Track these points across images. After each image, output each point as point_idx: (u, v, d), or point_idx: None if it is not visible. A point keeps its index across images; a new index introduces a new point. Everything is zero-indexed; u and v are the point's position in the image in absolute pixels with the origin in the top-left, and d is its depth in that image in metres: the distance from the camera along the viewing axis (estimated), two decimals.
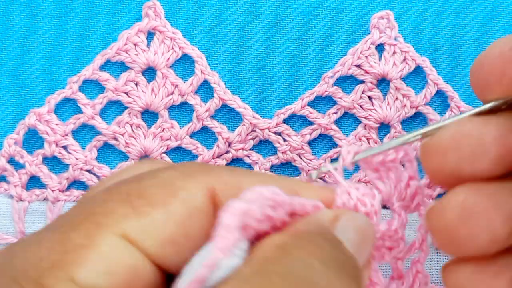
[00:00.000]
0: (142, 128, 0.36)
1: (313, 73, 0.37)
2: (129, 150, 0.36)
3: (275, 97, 0.37)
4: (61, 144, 0.36)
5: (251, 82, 0.37)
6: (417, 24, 0.37)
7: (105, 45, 0.37)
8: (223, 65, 0.37)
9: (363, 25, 0.37)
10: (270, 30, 0.37)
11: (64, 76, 0.37)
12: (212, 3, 0.37)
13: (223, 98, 0.36)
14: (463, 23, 0.37)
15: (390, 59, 0.36)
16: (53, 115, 0.36)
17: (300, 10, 0.37)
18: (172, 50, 0.37)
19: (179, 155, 0.37)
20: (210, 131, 0.37)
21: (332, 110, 0.36)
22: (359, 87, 0.36)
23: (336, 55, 0.37)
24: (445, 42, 0.37)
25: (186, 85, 0.36)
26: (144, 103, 0.36)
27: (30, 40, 0.37)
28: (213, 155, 0.36)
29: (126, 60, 0.36)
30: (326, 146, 0.37)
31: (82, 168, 0.36)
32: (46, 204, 0.36)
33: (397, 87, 0.36)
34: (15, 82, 0.37)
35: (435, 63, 0.37)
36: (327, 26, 0.37)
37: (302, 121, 0.37)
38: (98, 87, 0.37)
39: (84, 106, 0.36)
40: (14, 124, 0.36)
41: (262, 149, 0.37)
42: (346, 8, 0.37)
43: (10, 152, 0.36)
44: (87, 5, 0.38)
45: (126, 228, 0.19)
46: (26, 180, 0.36)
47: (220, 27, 0.37)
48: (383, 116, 0.36)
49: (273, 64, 0.37)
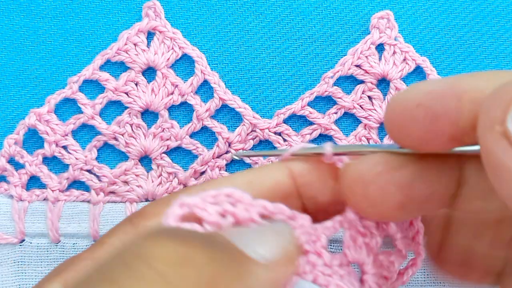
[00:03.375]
0: (142, 128, 0.36)
1: (313, 73, 0.37)
2: (129, 150, 0.36)
3: (275, 97, 0.37)
4: (61, 144, 0.36)
5: (251, 82, 0.37)
6: (417, 24, 0.37)
7: (105, 45, 0.37)
8: (223, 65, 0.37)
9: (363, 25, 0.37)
10: (270, 30, 0.37)
11: (64, 76, 0.37)
12: (212, 3, 0.37)
13: (223, 98, 0.36)
14: (463, 23, 0.37)
15: (390, 59, 0.36)
16: (53, 115, 0.36)
17: (300, 10, 0.37)
18: (172, 50, 0.37)
19: (179, 155, 0.37)
20: (210, 131, 0.37)
21: (332, 110, 0.36)
22: (359, 87, 0.36)
23: (336, 55, 0.37)
24: (445, 42, 0.37)
25: (186, 85, 0.36)
26: (144, 103, 0.36)
27: (30, 40, 0.37)
28: (213, 155, 0.36)
29: (126, 60, 0.36)
30: None
31: (82, 168, 0.36)
32: (46, 204, 0.36)
33: (397, 87, 0.36)
34: (15, 82, 0.37)
35: (435, 63, 0.37)
36: (327, 26, 0.37)
37: (302, 121, 0.37)
38: (98, 87, 0.37)
39: (84, 106, 0.36)
40: (14, 124, 0.36)
41: (262, 149, 0.36)
42: (346, 8, 0.37)
43: (10, 152, 0.36)
44: (87, 5, 0.38)
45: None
46: (26, 180, 0.36)
47: (220, 27, 0.37)
48: (383, 116, 0.36)
49: (273, 64, 0.37)
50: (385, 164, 0.23)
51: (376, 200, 0.23)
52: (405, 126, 0.22)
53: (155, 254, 0.18)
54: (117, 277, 0.17)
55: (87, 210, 0.36)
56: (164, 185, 0.36)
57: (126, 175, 0.36)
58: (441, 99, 0.21)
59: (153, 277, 0.17)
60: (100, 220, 0.35)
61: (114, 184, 0.36)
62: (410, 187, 0.23)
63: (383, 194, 0.23)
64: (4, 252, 0.35)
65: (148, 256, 0.18)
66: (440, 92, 0.21)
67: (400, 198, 0.23)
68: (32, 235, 0.35)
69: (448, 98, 0.21)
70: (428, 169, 0.23)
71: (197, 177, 0.36)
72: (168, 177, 0.36)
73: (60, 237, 0.35)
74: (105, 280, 0.17)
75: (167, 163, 0.36)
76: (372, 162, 0.24)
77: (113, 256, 0.19)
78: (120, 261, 0.18)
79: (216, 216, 0.23)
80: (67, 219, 0.35)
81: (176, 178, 0.36)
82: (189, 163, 0.36)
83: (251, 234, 0.21)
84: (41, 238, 0.36)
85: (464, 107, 0.20)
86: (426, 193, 0.23)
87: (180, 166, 0.36)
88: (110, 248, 0.26)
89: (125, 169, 0.36)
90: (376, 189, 0.23)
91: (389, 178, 0.23)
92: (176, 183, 0.36)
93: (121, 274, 0.18)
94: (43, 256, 0.35)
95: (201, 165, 0.36)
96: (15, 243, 0.35)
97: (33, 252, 0.35)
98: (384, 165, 0.23)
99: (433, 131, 0.21)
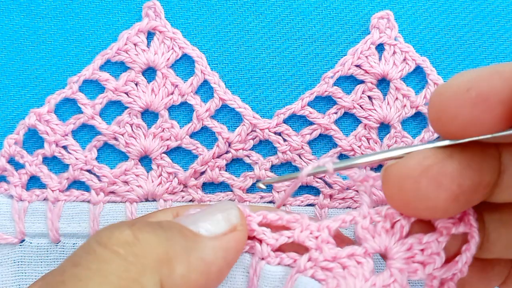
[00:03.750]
0: (142, 128, 0.36)
1: (313, 73, 0.37)
2: (129, 150, 0.36)
3: (275, 97, 0.37)
4: (61, 144, 0.36)
5: (251, 82, 0.37)
6: (417, 24, 0.37)
7: (105, 45, 0.37)
8: (223, 65, 0.37)
9: (363, 25, 0.37)
10: (270, 30, 0.37)
11: (64, 76, 0.37)
12: (212, 3, 0.37)
13: (223, 98, 0.36)
14: (463, 23, 0.37)
15: (390, 59, 0.36)
16: (53, 115, 0.36)
17: (300, 10, 0.37)
18: (172, 50, 0.37)
19: (179, 155, 0.37)
20: (210, 131, 0.37)
21: (332, 110, 0.36)
22: (359, 87, 0.36)
23: (336, 55, 0.37)
24: (445, 42, 0.37)
25: (186, 85, 0.36)
26: (144, 103, 0.36)
27: (30, 40, 0.37)
28: (213, 155, 0.36)
29: (126, 60, 0.36)
30: (326, 146, 0.37)
31: (82, 168, 0.36)
32: (46, 204, 0.36)
33: (397, 87, 0.36)
34: (15, 82, 0.37)
35: (435, 63, 0.37)
36: (327, 26, 0.37)
37: (302, 121, 0.37)
38: (98, 87, 0.37)
39: (84, 106, 0.36)
40: (14, 124, 0.36)
41: (262, 149, 0.37)
42: (346, 8, 0.37)
43: (10, 152, 0.36)
44: (87, 5, 0.38)
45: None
46: (26, 180, 0.36)
47: (220, 27, 0.37)
48: (383, 116, 0.36)
49: (273, 64, 0.37)
50: (433, 157, 0.24)
51: (429, 194, 0.23)
52: (453, 112, 0.23)
53: (111, 239, 0.22)
54: (79, 260, 0.22)
55: (87, 210, 0.36)
56: (164, 185, 0.36)
57: (126, 175, 0.36)
58: (490, 81, 0.22)
59: (109, 256, 0.22)
60: (100, 220, 0.35)
61: (114, 184, 0.36)
62: (461, 176, 0.23)
63: (435, 187, 0.23)
64: (4, 252, 0.35)
65: (105, 241, 0.22)
66: (488, 76, 0.22)
67: (453, 188, 0.23)
68: (32, 235, 0.35)
69: (496, 80, 0.22)
70: (473, 157, 0.24)
71: (197, 177, 0.36)
72: (168, 177, 0.36)
73: (60, 237, 0.35)
74: (72, 265, 0.22)
75: (167, 163, 0.36)
76: (419, 157, 0.24)
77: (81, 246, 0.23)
78: (83, 247, 0.23)
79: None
80: (67, 219, 0.35)
81: (176, 178, 0.36)
82: (189, 163, 0.36)
83: (200, 215, 0.26)
84: (41, 238, 0.36)
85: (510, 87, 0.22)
86: (475, 182, 0.24)
87: (180, 166, 0.36)
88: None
89: (125, 169, 0.36)
90: (429, 182, 0.23)
91: (440, 169, 0.23)
92: (176, 183, 0.36)
93: (82, 257, 0.22)
94: (43, 256, 0.35)
95: (201, 165, 0.36)
96: (15, 243, 0.35)
97: (33, 252, 0.35)
98: (433, 158, 0.24)
99: (484, 111, 0.22)
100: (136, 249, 0.22)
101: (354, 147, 0.36)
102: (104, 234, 0.23)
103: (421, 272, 0.25)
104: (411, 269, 0.25)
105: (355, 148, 0.36)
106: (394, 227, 0.26)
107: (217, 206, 0.26)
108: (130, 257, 0.22)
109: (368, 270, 0.25)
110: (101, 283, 0.21)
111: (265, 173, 0.36)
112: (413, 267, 0.25)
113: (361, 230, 0.26)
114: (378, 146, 0.36)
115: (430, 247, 0.25)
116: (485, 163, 0.24)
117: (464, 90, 0.22)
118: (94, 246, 0.22)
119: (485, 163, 0.24)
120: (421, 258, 0.25)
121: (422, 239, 0.25)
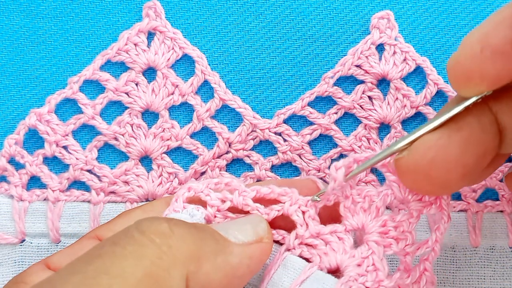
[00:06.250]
0: (143, 128, 0.36)
1: (313, 73, 0.37)
2: (129, 150, 0.36)
3: (275, 97, 0.37)
4: (61, 144, 0.36)
5: (251, 82, 0.37)
6: (417, 24, 0.37)
7: (105, 45, 0.37)
8: (223, 65, 0.37)
9: (363, 25, 0.37)
10: (270, 30, 0.37)
11: (64, 76, 0.37)
12: (212, 3, 0.37)
13: (224, 98, 0.36)
14: (463, 23, 0.37)
15: (390, 59, 0.36)
16: (54, 115, 0.36)
17: (300, 10, 0.37)
18: (172, 50, 0.37)
19: (180, 155, 0.37)
20: (210, 131, 0.37)
21: (332, 110, 0.36)
22: (359, 87, 0.36)
23: (336, 55, 0.37)
24: (445, 42, 0.37)
25: (187, 85, 0.36)
26: (145, 103, 0.36)
27: (30, 40, 0.37)
28: (213, 155, 0.36)
29: (127, 60, 0.36)
30: (326, 146, 0.37)
31: (82, 168, 0.36)
32: (47, 204, 0.36)
33: (397, 87, 0.36)
34: (15, 82, 0.37)
35: (435, 63, 0.37)
36: (327, 26, 0.37)
37: (302, 121, 0.37)
38: (99, 87, 0.37)
39: (85, 106, 0.36)
40: (15, 124, 0.36)
41: (262, 149, 0.37)
42: (346, 8, 0.37)
43: (10, 152, 0.36)
44: (87, 5, 0.38)
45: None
46: (26, 180, 0.36)
47: (220, 27, 0.37)
48: (383, 116, 0.36)
49: (273, 64, 0.37)
50: (435, 146, 0.25)
51: (440, 180, 0.25)
52: (478, 77, 0.23)
53: (150, 227, 0.24)
54: (117, 240, 0.24)
55: (88, 210, 0.36)
56: (164, 185, 0.36)
57: (126, 175, 0.36)
58: (499, 33, 0.23)
59: (146, 242, 0.23)
60: (100, 220, 0.35)
61: (115, 184, 0.36)
62: (464, 155, 0.25)
63: (444, 173, 0.25)
64: (4, 252, 0.35)
65: (144, 228, 0.24)
66: (495, 28, 0.23)
67: (460, 169, 0.25)
68: (33, 235, 0.36)
69: (504, 29, 0.23)
70: (472, 131, 0.25)
71: (197, 177, 0.36)
72: (169, 177, 0.36)
73: (61, 237, 0.35)
74: (111, 243, 0.24)
75: (167, 163, 0.36)
76: (423, 148, 0.25)
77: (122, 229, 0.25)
78: (123, 231, 0.24)
79: (217, 200, 0.29)
80: (68, 219, 0.35)
81: (177, 178, 0.36)
82: (189, 163, 0.37)
83: (231, 223, 0.28)
84: (41, 238, 0.36)
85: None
86: (480, 154, 0.25)
87: (180, 166, 0.36)
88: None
89: (125, 169, 0.36)
90: (437, 172, 0.25)
91: (444, 157, 0.25)
92: (177, 183, 0.36)
93: (121, 238, 0.24)
94: (44, 256, 0.35)
95: (202, 165, 0.36)
96: (15, 243, 0.35)
97: (34, 252, 0.35)
98: (435, 148, 0.25)
99: (506, 62, 0.23)
100: (171, 241, 0.24)
101: (354, 147, 0.36)
102: (144, 223, 0.25)
103: (394, 246, 0.27)
104: (385, 243, 0.28)
105: (355, 148, 0.36)
106: (371, 207, 0.28)
107: (247, 218, 0.28)
108: (164, 247, 0.23)
109: (348, 245, 0.28)
110: (135, 264, 0.22)
111: (265, 173, 0.36)
112: (387, 242, 0.28)
113: (343, 209, 0.29)
114: (378, 146, 0.36)
115: (402, 225, 0.28)
116: (484, 131, 0.25)
117: (478, 52, 0.23)
118: (133, 232, 0.24)
119: (484, 132, 0.25)
120: (394, 234, 0.28)
121: (395, 218, 0.28)
